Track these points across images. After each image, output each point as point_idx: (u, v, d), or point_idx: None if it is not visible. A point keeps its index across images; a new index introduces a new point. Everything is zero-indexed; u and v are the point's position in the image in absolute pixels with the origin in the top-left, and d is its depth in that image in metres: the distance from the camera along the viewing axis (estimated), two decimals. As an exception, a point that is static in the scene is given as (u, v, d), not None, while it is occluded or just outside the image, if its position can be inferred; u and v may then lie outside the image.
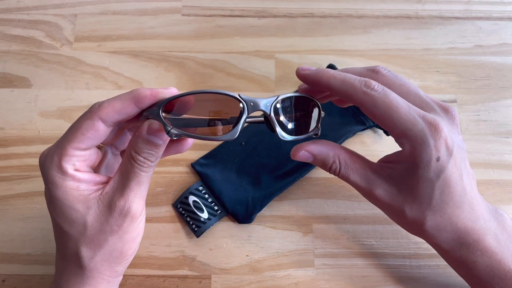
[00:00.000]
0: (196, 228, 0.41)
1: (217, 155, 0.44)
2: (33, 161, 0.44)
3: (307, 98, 0.33)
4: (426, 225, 0.31)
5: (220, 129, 0.30)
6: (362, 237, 0.42)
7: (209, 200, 0.42)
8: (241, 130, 0.29)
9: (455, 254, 0.32)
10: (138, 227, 0.32)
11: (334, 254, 0.41)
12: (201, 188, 0.42)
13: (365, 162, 0.33)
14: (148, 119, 0.30)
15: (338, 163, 0.33)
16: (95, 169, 0.34)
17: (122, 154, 0.37)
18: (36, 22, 0.50)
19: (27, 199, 0.43)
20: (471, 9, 0.52)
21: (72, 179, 0.30)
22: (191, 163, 0.44)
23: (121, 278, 0.34)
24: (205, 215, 0.41)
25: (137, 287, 0.40)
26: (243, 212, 0.41)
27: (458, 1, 0.52)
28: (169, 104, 0.29)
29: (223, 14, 0.51)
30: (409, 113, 0.30)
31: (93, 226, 0.30)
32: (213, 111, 0.30)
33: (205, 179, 0.43)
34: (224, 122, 0.29)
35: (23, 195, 0.43)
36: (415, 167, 0.30)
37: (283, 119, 0.31)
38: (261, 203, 0.42)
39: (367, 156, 0.34)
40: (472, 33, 0.51)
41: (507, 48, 0.50)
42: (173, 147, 0.33)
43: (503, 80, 0.48)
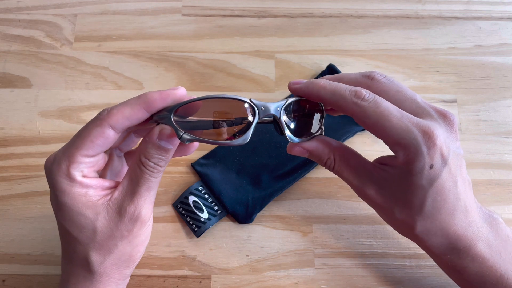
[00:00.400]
0: (196, 228, 0.41)
1: (217, 155, 0.44)
2: (33, 161, 0.44)
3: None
4: (416, 229, 0.31)
5: (229, 131, 0.29)
6: (362, 237, 0.42)
7: (209, 200, 0.42)
8: (252, 134, 0.29)
9: (445, 258, 0.32)
10: (146, 230, 0.32)
11: (334, 254, 0.41)
12: (201, 188, 0.42)
13: (360, 160, 0.33)
14: (158, 123, 0.30)
15: (333, 159, 0.33)
16: (101, 172, 0.34)
17: (125, 155, 0.36)
18: (36, 22, 0.50)
19: (27, 199, 0.43)
20: (471, 9, 0.52)
21: (80, 185, 0.30)
22: (191, 163, 0.44)
23: (128, 280, 0.34)
24: (205, 215, 0.41)
25: (137, 287, 0.40)
26: (243, 212, 0.41)
27: (458, 1, 0.52)
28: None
29: (223, 14, 0.51)
30: (402, 122, 0.29)
31: (102, 231, 0.30)
32: (219, 112, 0.30)
33: (205, 179, 0.43)
34: (229, 123, 0.29)
35: (23, 195, 0.43)
36: (408, 174, 0.30)
37: (291, 122, 0.32)
38: (261, 203, 0.42)
39: (367, 156, 0.34)
40: (472, 33, 0.51)
41: (507, 48, 0.50)
42: (179, 150, 0.33)
43: (503, 80, 0.48)
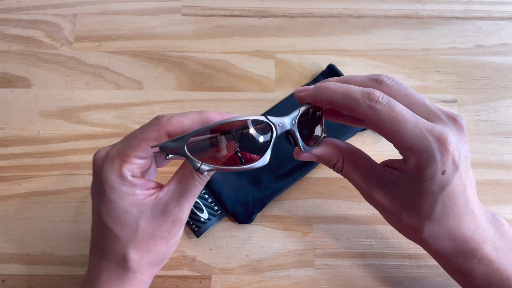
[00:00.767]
0: (196, 228, 0.41)
1: (217, 155, 0.44)
2: (33, 161, 0.44)
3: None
4: (423, 234, 0.31)
5: (245, 154, 0.29)
6: (362, 237, 0.42)
7: (209, 200, 0.42)
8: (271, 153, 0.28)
9: (451, 261, 0.32)
10: (180, 232, 0.33)
11: (334, 254, 0.41)
12: (201, 188, 0.42)
13: (369, 162, 0.33)
14: (168, 154, 0.29)
15: (341, 161, 0.33)
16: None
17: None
18: (36, 22, 0.50)
19: (27, 199, 0.43)
20: (471, 9, 0.52)
21: (129, 184, 0.30)
22: (191, 163, 0.44)
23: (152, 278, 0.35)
24: (205, 215, 0.41)
25: (137, 287, 0.40)
26: (243, 212, 0.41)
27: (458, 1, 0.52)
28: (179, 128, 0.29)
29: (223, 14, 0.51)
30: (416, 127, 0.29)
31: (144, 230, 0.31)
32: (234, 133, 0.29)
33: (205, 179, 0.43)
34: (230, 137, 0.29)
35: (23, 195, 0.43)
36: (418, 180, 0.29)
37: (300, 130, 0.31)
38: (261, 203, 0.42)
39: (367, 156, 0.34)
40: (472, 33, 0.51)
41: (507, 48, 0.50)
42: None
43: (503, 80, 0.48)
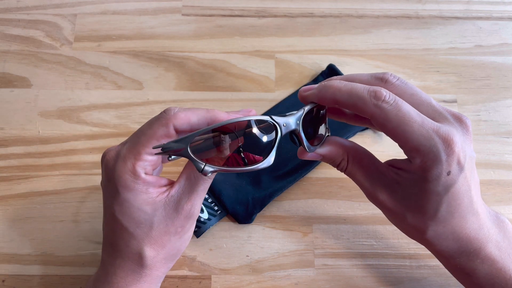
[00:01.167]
0: (196, 228, 0.41)
1: (217, 155, 0.44)
2: (33, 161, 0.44)
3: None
4: (427, 234, 0.31)
5: (249, 155, 0.29)
6: (362, 237, 0.42)
7: (209, 200, 0.42)
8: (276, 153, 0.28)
9: (454, 261, 0.32)
10: (193, 226, 0.34)
11: (334, 254, 0.41)
12: (201, 188, 0.42)
13: (373, 161, 0.33)
14: (170, 156, 0.29)
15: (346, 160, 0.33)
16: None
17: None
18: (36, 22, 0.50)
19: (27, 199, 0.43)
20: (472, 9, 0.52)
21: (143, 182, 0.30)
22: (191, 163, 0.44)
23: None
24: (205, 215, 0.41)
25: (137, 287, 0.40)
26: (243, 212, 0.41)
27: (458, 1, 0.52)
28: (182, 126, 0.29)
29: (223, 14, 0.51)
30: (423, 127, 0.28)
31: (159, 227, 0.31)
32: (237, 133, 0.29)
33: (205, 179, 0.43)
34: (233, 136, 0.28)
35: (23, 195, 0.43)
36: (423, 180, 0.29)
37: (306, 131, 0.31)
38: (261, 203, 0.42)
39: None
40: (472, 33, 0.51)
41: (507, 48, 0.50)
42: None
43: (503, 80, 0.48)
